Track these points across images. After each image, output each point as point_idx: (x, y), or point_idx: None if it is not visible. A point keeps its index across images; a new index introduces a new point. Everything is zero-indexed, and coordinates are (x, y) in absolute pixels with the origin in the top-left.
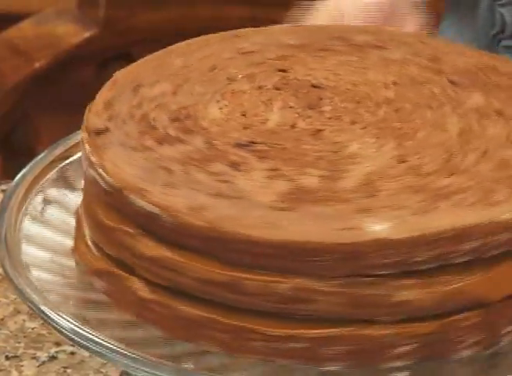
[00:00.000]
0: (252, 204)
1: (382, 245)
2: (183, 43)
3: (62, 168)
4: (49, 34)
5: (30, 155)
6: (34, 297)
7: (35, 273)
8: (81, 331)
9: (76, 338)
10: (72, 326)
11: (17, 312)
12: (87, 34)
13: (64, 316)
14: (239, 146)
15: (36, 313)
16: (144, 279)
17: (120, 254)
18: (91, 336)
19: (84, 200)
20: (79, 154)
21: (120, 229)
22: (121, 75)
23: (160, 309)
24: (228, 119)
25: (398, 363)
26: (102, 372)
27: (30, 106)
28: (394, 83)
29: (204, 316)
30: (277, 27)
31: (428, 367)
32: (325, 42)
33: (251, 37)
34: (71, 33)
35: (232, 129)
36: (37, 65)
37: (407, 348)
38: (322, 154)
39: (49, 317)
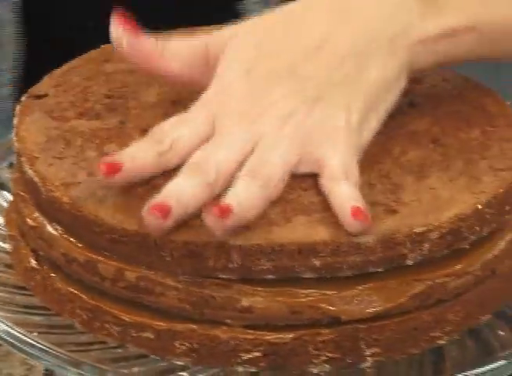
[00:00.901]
0: (122, 190)
1: (219, 248)
2: None
3: None
4: None
5: None
6: None
7: None
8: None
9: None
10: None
11: None
12: None
13: None
14: (145, 132)
15: None
16: (31, 247)
17: (18, 221)
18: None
19: None
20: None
21: (18, 194)
22: (100, 50)
23: (40, 278)
24: (157, 105)
25: (247, 369)
26: (28, 364)
27: None
28: None
29: (69, 290)
30: None
31: None
32: None
33: None
34: None
35: (153, 115)
36: None
37: (256, 354)
38: None
39: None
